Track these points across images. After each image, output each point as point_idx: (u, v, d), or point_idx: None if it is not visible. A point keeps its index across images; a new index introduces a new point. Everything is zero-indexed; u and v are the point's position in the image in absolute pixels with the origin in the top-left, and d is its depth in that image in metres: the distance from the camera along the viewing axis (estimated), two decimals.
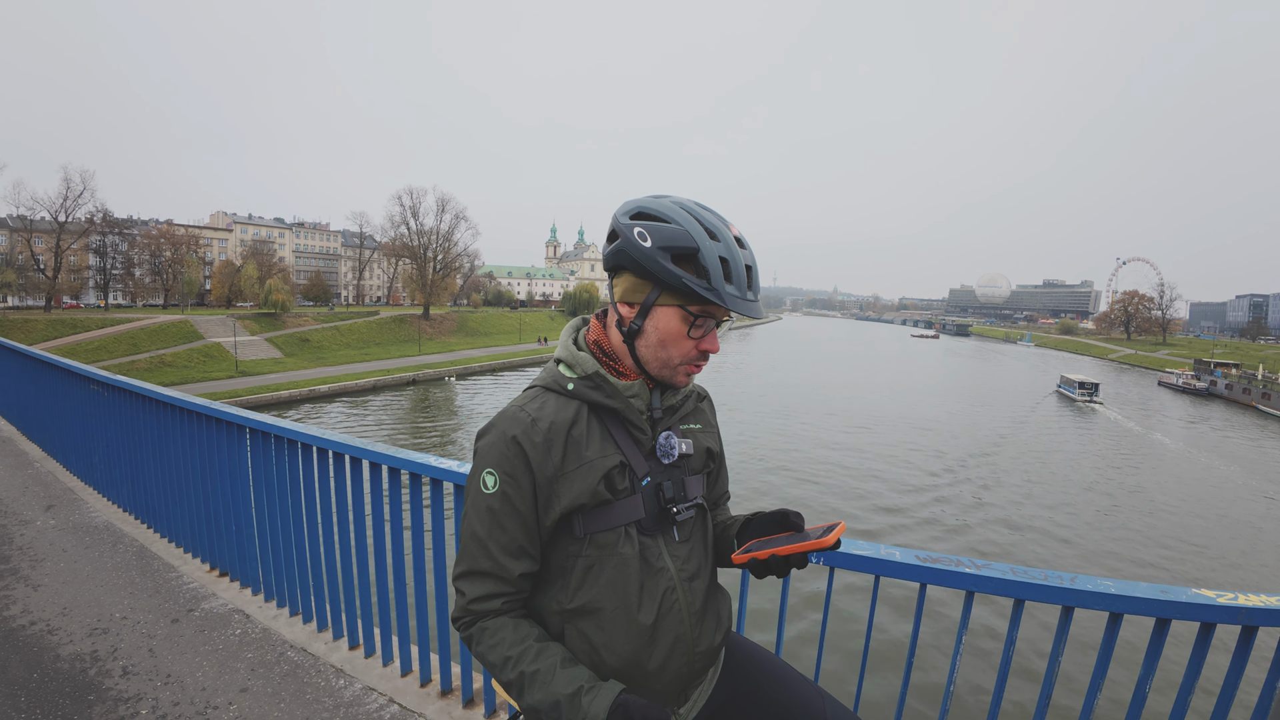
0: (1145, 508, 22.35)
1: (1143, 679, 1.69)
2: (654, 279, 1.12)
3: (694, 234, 1.10)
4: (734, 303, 1.11)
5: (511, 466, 1.15)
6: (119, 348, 43.28)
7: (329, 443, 2.78)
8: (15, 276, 53.43)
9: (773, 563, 1.17)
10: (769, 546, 1.18)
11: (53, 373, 5.52)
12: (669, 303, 1.14)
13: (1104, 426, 39.02)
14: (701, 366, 1.22)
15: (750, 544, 1.24)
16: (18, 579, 3.52)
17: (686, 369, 1.21)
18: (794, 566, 1.18)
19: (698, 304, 1.13)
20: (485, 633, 1.17)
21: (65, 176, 59.62)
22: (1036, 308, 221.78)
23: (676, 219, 1.12)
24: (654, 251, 1.10)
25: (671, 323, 1.15)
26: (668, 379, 1.22)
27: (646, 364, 1.20)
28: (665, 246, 1.10)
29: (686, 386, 1.26)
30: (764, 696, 1.38)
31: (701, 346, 1.18)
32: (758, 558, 1.18)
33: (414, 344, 60.87)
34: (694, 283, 1.09)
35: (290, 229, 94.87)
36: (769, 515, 1.26)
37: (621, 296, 1.20)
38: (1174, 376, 64.03)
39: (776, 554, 1.16)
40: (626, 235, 1.13)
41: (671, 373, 1.20)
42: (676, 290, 1.11)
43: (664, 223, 1.12)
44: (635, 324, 1.18)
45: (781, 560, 1.16)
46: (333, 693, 2.59)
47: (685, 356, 1.18)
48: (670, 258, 1.10)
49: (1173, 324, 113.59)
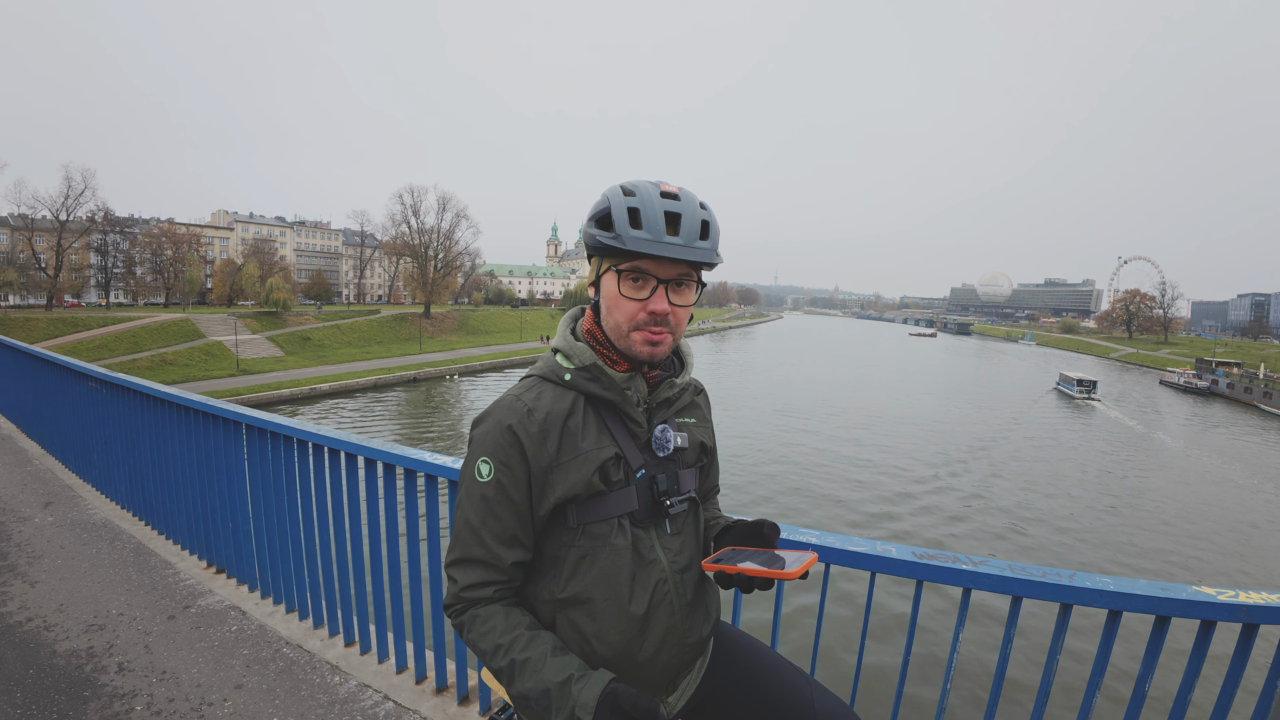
0: (1137, 503, 22.45)
1: (1142, 677, 1.68)
2: (592, 251, 1.19)
3: (610, 196, 1.15)
4: (636, 243, 1.10)
5: (506, 455, 1.16)
6: (120, 346, 43.33)
7: (324, 439, 2.77)
8: (17, 275, 53.45)
9: (738, 579, 1.16)
10: (739, 561, 1.17)
11: (51, 370, 5.51)
12: (606, 268, 1.18)
13: (1100, 422, 39.71)
14: (659, 334, 1.18)
15: (723, 553, 1.23)
16: (15, 575, 3.51)
17: (643, 336, 1.18)
18: (759, 588, 1.16)
19: (617, 258, 1.16)
20: (477, 620, 1.18)
21: (66, 175, 59.78)
22: (1038, 306, 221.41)
23: (606, 192, 1.17)
24: (588, 224, 1.17)
25: (609, 286, 1.18)
26: (626, 349, 1.20)
27: (610, 337, 1.22)
28: (592, 216, 1.17)
29: (648, 360, 1.20)
30: (752, 684, 1.39)
31: (648, 308, 1.16)
32: (725, 571, 1.17)
33: (415, 342, 60.87)
34: (602, 235, 1.14)
35: (291, 227, 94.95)
36: (748, 525, 1.27)
37: (589, 280, 1.25)
38: (1175, 375, 63.94)
39: (743, 573, 1.14)
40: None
41: (627, 342, 1.19)
42: (600, 251, 1.17)
43: (599, 201, 1.18)
44: (595, 299, 1.23)
45: (746, 580, 1.14)
46: (328, 689, 2.58)
47: (632, 320, 1.17)
48: (594, 224, 1.16)
49: (1174, 323, 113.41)
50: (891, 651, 10.47)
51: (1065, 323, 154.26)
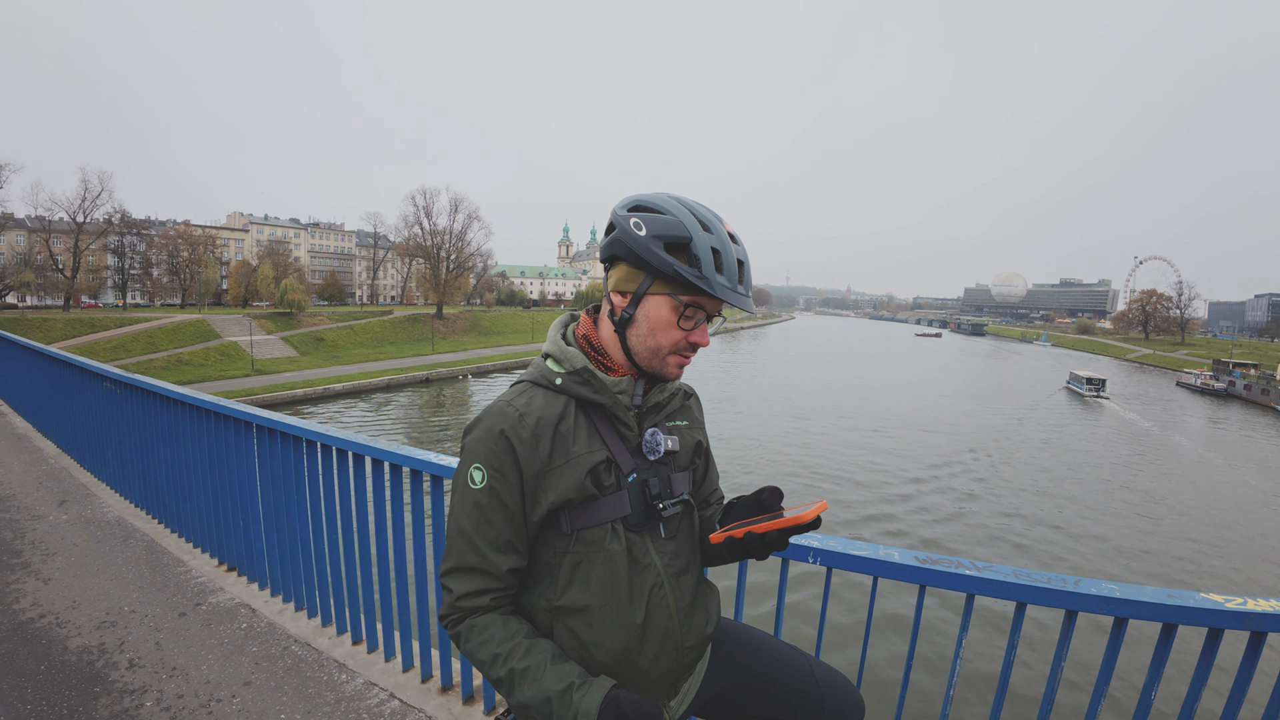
0: (1143, 503, 22.29)
1: (1148, 685, 1.66)
2: (647, 267, 1.14)
3: (687, 224, 1.12)
4: (724, 292, 1.12)
5: (499, 461, 1.15)
6: (137, 346, 43.80)
7: (334, 440, 2.79)
8: (34, 276, 54.17)
9: (749, 541, 1.15)
10: (745, 526, 1.17)
11: (67, 370, 5.59)
12: (660, 291, 1.15)
13: (1108, 420, 40.45)
14: (689, 359, 1.22)
15: (729, 526, 1.23)
16: (28, 573, 3.56)
17: (676, 360, 1.20)
18: (774, 549, 1.16)
19: (688, 293, 1.14)
20: (474, 630, 1.17)
21: (83, 178, 60.28)
22: (1053, 307, 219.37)
23: (672, 210, 1.14)
24: (648, 240, 1.12)
25: (662, 311, 1.16)
26: (657, 370, 1.21)
27: (636, 354, 1.20)
28: (659, 235, 1.12)
29: (675, 380, 1.26)
30: (753, 671, 1.40)
31: (691, 339, 1.18)
32: (734, 536, 1.17)
33: (427, 343, 61.12)
34: (685, 270, 1.11)
35: (305, 229, 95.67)
36: (749, 498, 1.24)
37: (615, 286, 1.21)
38: (1192, 377, 63.09)
39: (752, 531, 1.14)
40: (623, 225, 1.15)
41: (661, 363, 1.20)
42: (668, 278, 1.13)
43: (659, 214, 1.14)
44: (627, 312, 1.18)
45: (758, 539, 1.14)
46: (335, 687, 2.61)
47: (674, 346, 1.18)
48: (663, 246, 1.12)
49: (1191, 323, 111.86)
50: (894, 657, 10.42)
51: (1081, 323, 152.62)
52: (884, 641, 10.90)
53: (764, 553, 1.17)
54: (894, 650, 10.62)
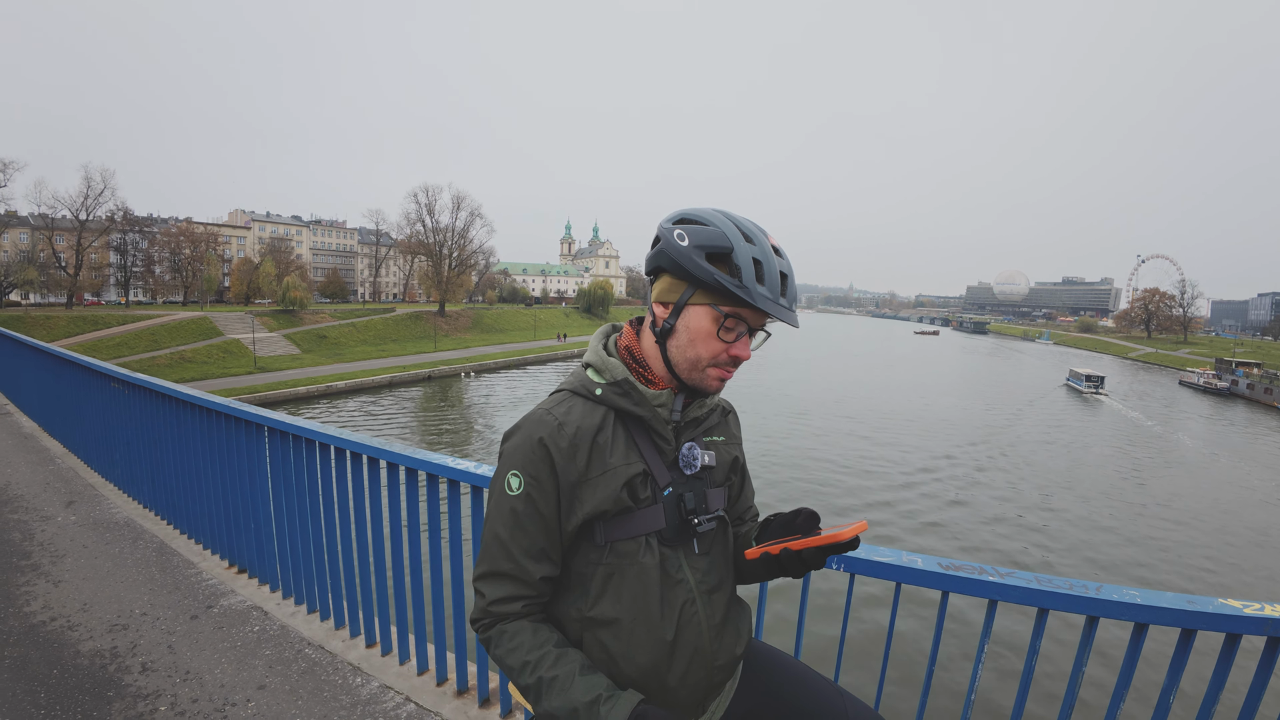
0: (1134, 496, 22.39)
1: (1166, 689, 1.66)
2: (689, 277, 1.13)
3: (729, 234, 1.12)
4: (764, 303, 1.11)
5: (536, 469, 1.15)
6: (140, 344, 43.88)
7: (346, 442, 2.79)
8: (37, 274, 54.29)
9: (785, 559, 1.17)
10: (782, 543, 1.17)
11: (74, 370, 5.58)
12: (701, 301, 1.15)
13: (1105, 415, 41.65)
14: (731, 373, 1.20)
15: (766, 542, 1.22)
16: (39, 574, 3.56)
17: (717, 373, 1.19)
18: (810, 567, 1.16)
19: (729, 303, 1.13)
20: (504, 635, 1.17)
21: (86, 175, 60.38)
22: (1056, 305, 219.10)
23: (714, 222, 1.14)
24: (690, 250, 1.12)
25: (702, 322, 1.15)
26: (697, 382, 1.20)
27: (676, 365, 1.20)
28: (701, 245, 1.12)
29: (716, 394, 1.24)
30: (783, 699, 1.38)
31: (732, 352, 1.17)
32: (770, 552, 1.17)
33: (430, 340, 61.20)
34: (725, 279, 1.10)
35: (307, 226, 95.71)
36: (787, 516, 1.24)
37: (658, 297, 1.21)
38: (1195, 376, 62.99)
39: (788, 548, 1.15)
40: (667, 237, 1.16)
41: (701, 376, 1.19)
42: (709, 287, 1.12)
43: (701, 225, 1.15)
44: (668, 323, 1.18)
45: (794, 556, 1.15)
46: (350, 690, 2.60)
47: (714, 358, 1.17)
48: (705, 255, 1.12)
49: (1194, 322, 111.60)
50: (915, 660, 10.42)
51: (1083, 322, 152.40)
52: (901, 645, 10.92)
53: (800, 571, 1.18)
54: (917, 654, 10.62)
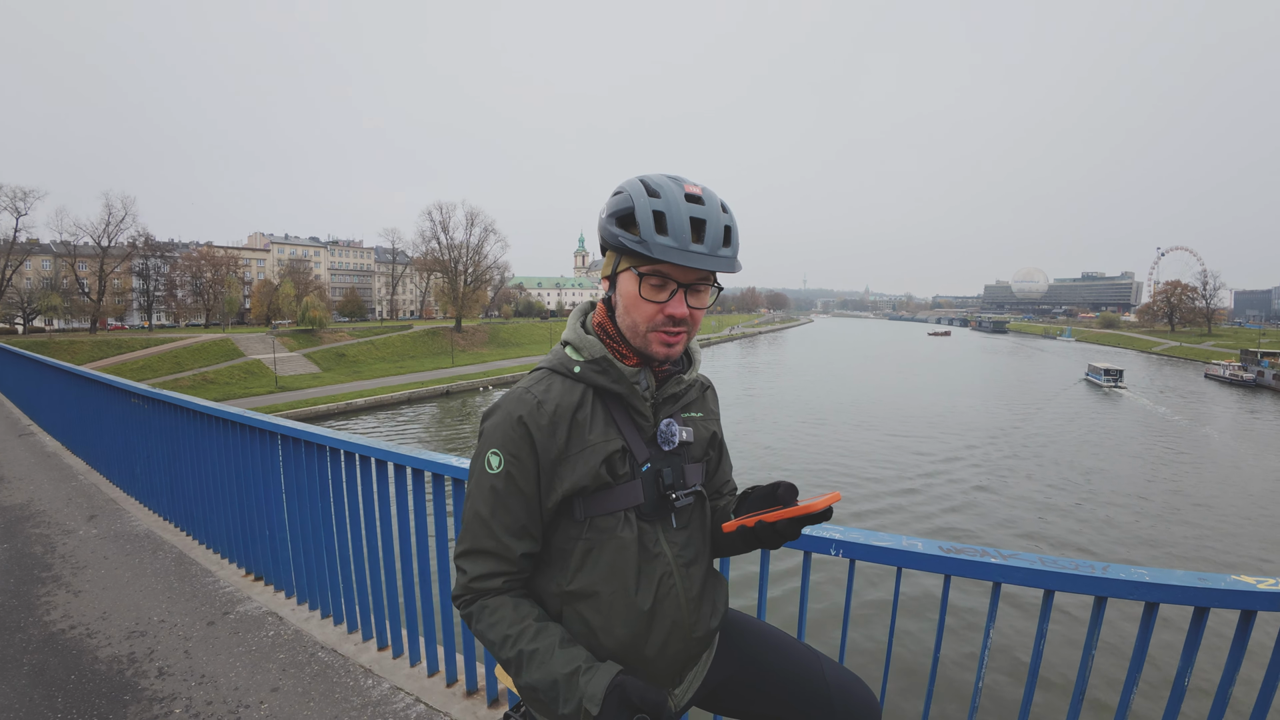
0: (1157, 489, 21.89)
1: (1181, 670, 1.63)
2: (609, 246, 1.17)
3: (633, 193, 1.13)
4: (663, 251, 1.09)
5: (516, 447, 1.16)
6: (163, 366, 44.60)
7: (356, 446, 2.82)
8: (61, 300, 55.41)
9: (760, 531, 1.17)
10: (757, 515, 1.18)
11: (96, 389, 5.70)
12: (624, 267, 1.17)
13: (1125, 409, 41.71)
14: (676, 336, 1.18)
15: (743, 515, 1.24)
16: (59, 586, 3.64)
17: (659, 337, 1.18)
18: (785, 538, 1.17)
19: (640, 261, 1.14)
20: (485, 610, 1.18)
21: (107, 203, 62.00)
22: (1076, 301, 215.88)
23: (625, 188, 1.16)
24: (605, 220, 1.16)
25: (629, 286, 1.17)
26: (642, 348, 1.20)
27: (625, 335, 1.21)
28: (612, 212, 1.15)
29: (663, 359, 1.21)
30: (761, 666, 1.40)
31: (666, 311, 1.15)
32: (745, 525, 1.18)
33: (447, 356, 61.60)
34: (626, 238, 1.12)
35: (325, 247, 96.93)
36: (764, 489, 1.25)
37: (603, 273, 1.24)
38: (1220, 368, 61.58)
39: (764, 520, 1.15)
40: (600, 216, 1.19)
41: (643, 341, 1.19)
42: (621, 251, 1.15)
43: (617, 194, 1.16)
44: (608, 295, 1.22)
45: (769, 528, 1.16)
46: (361, 692, 2.62)
47: (650, 322, 1.16)
48: (615, 222, 1.14)
49: (1217, 314, 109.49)
50: (919, 645, 10.30)
51: (1105, 317, 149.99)
52: (907, 633, 10.78)
53: (776, 542, 1.19)
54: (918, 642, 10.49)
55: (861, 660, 9.48)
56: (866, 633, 10.66)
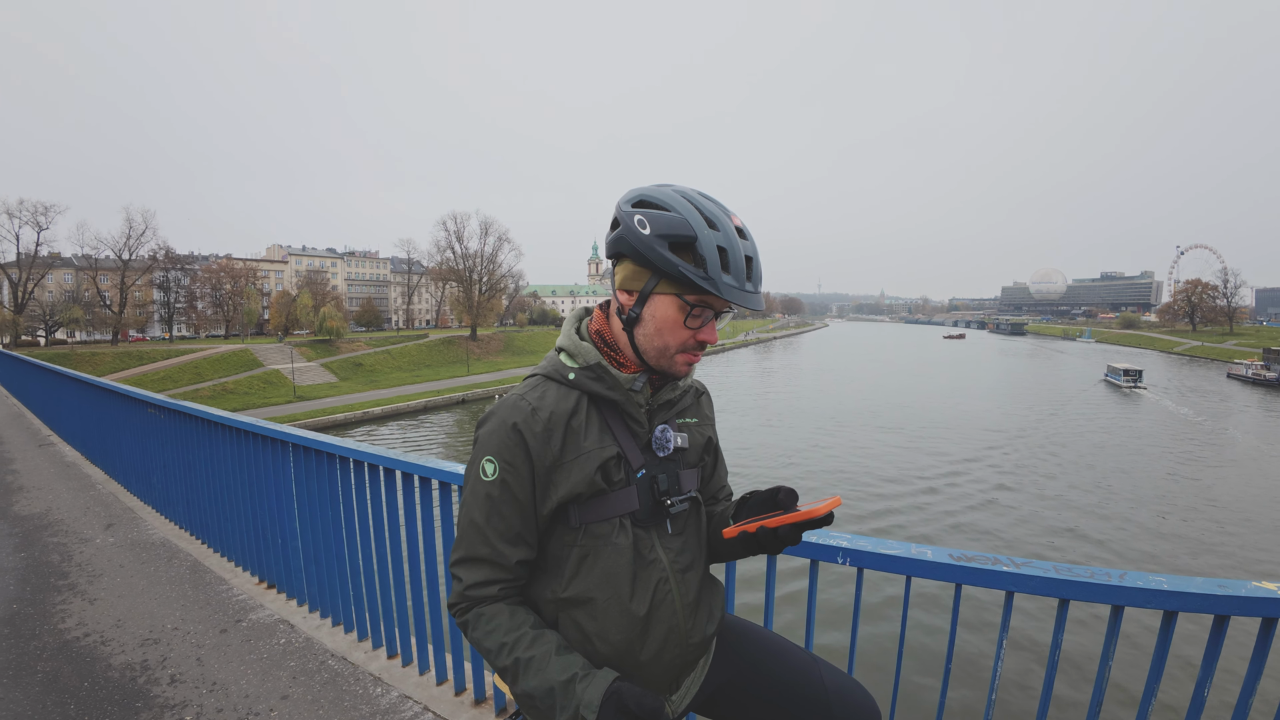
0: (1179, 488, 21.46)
1: (1201, 681, 1.57)
2: (652, 267, 1.12)
3: (692, 222, 1.10)
4: (730, 293, 1.10)
5: (511, 455, 1.16)
6: (184, 377, 45.22)
7: (366, 455, 2.83)
8: (83, 313, 56.46)
9: (762, 536, 1.16)
10: (758, 521, 1.18)
11: (114, 399, 5.78)
12: (666, 291, 1.14)
13: (1145, 409, 41.87)
14: (699, 357, 1.22)
15: (744, 521, 1.23)
16: (75, 594, 3.68)
17: (685, 359, 1.20)
18: (786, 543, 1.16)
19: (694, 293, 1.12)
20: (481, 619, 1.18)
21: (128, 217, 62.99)
22: (1095, 302, 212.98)
23: (676, 207, 1.12)
24: (652, 239, 1.10)
25: (669, 311, 1.15)
26: (665, 368, 1.21)
27: (644, 352, 1.20)
28: (663, 234, 1.10)
29: (685, 378, 1.26)
30: (759, 671, 1.39)
31: (699, 337, 1.18)
32: (747, 530, 1.18)
33: (463, 365, 61.92)
34: (690, 271, 1.09)
35: (341, 258, 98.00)
36: (764, 494, 1.24)
37: (621, 284, 1.20)
38: (1242, 367, 60.27)
39: (765, 526, 1.15)
40: (627, 223, 1.14)
41: (669, 362, 1.20)
42: (673, 278, 1.11)
43: (663, 210, 1.12)
44: (634, 312, 1.18)
45: (770, 534, 1.15)
46: (370, 700, 2.62)
47: (682, 345, 1.18)
48: (668, 245, 1.10)
49: (1239, 312, 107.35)
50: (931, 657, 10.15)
51: (1125, 317, 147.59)
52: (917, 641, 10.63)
53: (777, 547, 1.18)
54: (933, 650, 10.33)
55: (871, 671, 9.37)
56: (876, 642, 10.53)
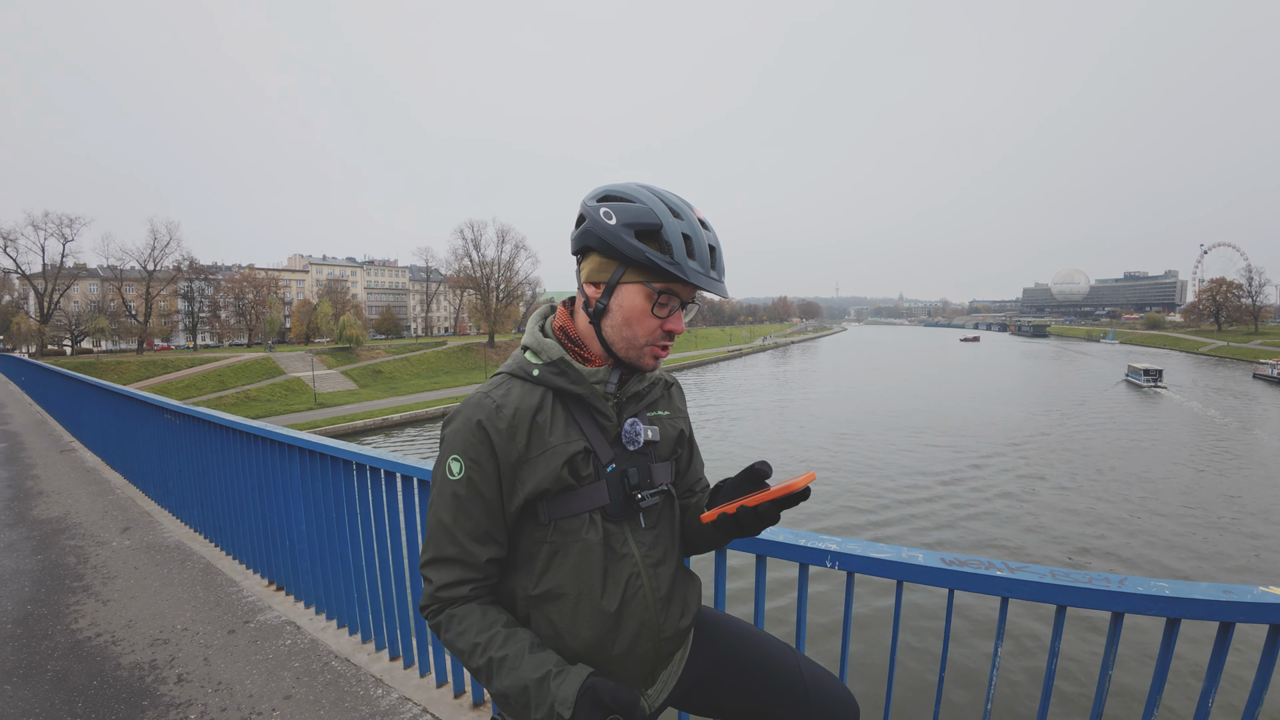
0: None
1: (1206, 689, 1.53)
2: (619, 256, 1.13)
3: (657, 211, 1.12)
4: (696, 277, 1.12)
5: (476, 453, 1.16)
6: (207, 385, 45.99)
7: (369, 459, 2.85)
8: (108, 323, 57.63)
9: (742, 516, 1.14)
10: (737, 501, 1.16)
11: (133, 406, 5.88)
12: (633, 280, 1.15)
13: (1165, 408, 42.01)
14: (668, 348, 1.22)
15: (721, 504, 1.22)
16: (89, 595, 3.75)
17: (652, 350, 1.20)
18: (766, 523, 1.15)
19: (661, 280, 1.14)
20: (453, 620, 1.17)
21: (152, 229, 64.52)
22: (1119, 302, 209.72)
23: (641, 198, 1.14)
24: (618, 228, 1.12)
25: (636, 300, 1.16)
26: (634, 360, 1.21)
27: (613, 344, 1.20)
28: (629, 223, 1.12)
29: (653, 370, 1.25)
30: (736, 662, 1.39)
31: (666, 326, 1.18)
32: (726, 512, 1.16)
33: (481, 371, 62.36)
34: (657, 257, 1.10)
35: (361, 267, 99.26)
36: (736, 478, 1.23)
37: (588, 277, 1.21)
38: (1269, 367, 58.65)
39: (744, 505, 1.14)
40: (593, 216, 1.15)
41: (638, 353, 1.20)
42: (640, 266, 1.12)
43: (628, 201, 1.14)
44: (601, 303, 1.18)
45: (750, 512, 1.14)
46: (370, 701, 2.64)
47: (650, 336, 1.18)
48: (634, 234, 1.12)
49: (1264, 311, 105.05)
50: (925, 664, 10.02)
51: (1150, 318, 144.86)
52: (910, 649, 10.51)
53: (757, 527, 1.16)
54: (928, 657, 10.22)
55: (863, 679, 9.27)
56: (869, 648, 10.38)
